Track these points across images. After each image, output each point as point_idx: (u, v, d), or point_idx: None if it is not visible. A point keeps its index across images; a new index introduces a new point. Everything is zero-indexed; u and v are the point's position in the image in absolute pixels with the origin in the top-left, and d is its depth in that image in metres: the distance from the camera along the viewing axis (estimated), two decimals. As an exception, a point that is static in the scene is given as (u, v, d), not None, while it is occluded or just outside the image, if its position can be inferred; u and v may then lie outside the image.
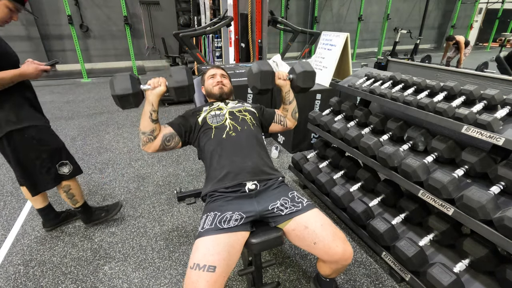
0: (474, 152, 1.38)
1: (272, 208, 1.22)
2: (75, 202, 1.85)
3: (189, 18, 7.69)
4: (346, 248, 1.14)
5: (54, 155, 1.64)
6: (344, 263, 1.16)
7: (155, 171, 2.75)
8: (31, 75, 1.42)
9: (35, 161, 1.57)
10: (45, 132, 1.59)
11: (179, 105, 4.72)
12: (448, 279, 1.28)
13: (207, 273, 1.00)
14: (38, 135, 1.53)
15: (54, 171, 1.65)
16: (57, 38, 7.05)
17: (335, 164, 2.34)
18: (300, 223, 1.19)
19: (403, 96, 1.69)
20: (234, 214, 1.17)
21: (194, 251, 1.08)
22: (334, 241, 1.13)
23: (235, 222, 1.15)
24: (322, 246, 1.14)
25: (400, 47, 8.32)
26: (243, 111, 1.50)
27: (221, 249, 1.06)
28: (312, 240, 1.15)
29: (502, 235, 1.14)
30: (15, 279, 1.63)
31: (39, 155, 1.57)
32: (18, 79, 1.40)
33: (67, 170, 1.72)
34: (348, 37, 2.69)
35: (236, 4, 4.91)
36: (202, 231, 1.13)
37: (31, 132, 1.50)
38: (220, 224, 1.14)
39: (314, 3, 8.96)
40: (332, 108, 2.37)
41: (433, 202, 1.39)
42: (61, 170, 1.69)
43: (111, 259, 1.77)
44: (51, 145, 1.62)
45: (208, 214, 1.19)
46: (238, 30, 4.98)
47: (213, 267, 1.02)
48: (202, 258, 1.03)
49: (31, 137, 1.50)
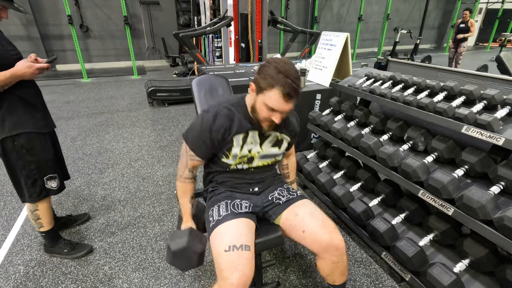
0: (474, 152, 1.38)
1: (272, 197, 1.30)
2: (39, 225, 1.65)
3: (189, 18, 7.69)
4: (333, 236, 1.14)
5: (42, 167, 1.51)
6: (335, 253, 1.15)
7: (155, 171, 2.75)
8: (24, 75, 1.30)
9: (22, 171, 1.46)
10: (36, 141, 1.46)
11: (179, 105, 4.72)
12: (448, 279, 1.28)
13: (245, 252, 1.05)
14: (28, 144, 1.43)
15: (41, 184, 1.53)
16: (57, 38, 7.05)
17: (335, 164, 2.34)
18: (292, 211, 1.24)
19: (403, 96, 1.69)
20: (243, 201, 1.23)
21: (222, 235, 1.10)
22: (321, 229, 1.15)
23: (245, 209, 1.21)
24: (309, 233, 1.16)
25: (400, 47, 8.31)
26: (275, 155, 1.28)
27: (247, 231, 1.13)
28: (301, 228, 1.18)
29: (502, 235, 1.14)
30: (15, 279, 1.63)
31: (27, 165, 1.46)
32: (10, 81, 1.29)
33: (55, 185, 1.59)
34: (348, 37, 2.69)
35: (236, 4, 4.91)
36: (221, 218, 1.15)
37: (21, 140, 1.41)
38: (235, 209, 1.19)
39: (314, 3, 8.96)
40: (332, 108, 2.37)
41: (433, 202, 1.39)
42: (49, 184, 1.56)
43: (111, 259, 1.77)
44: (40, 156, 1.49)
45: (219, 204, 1.22)
46: (238, 30, 4.98)
47: (248, 246, 1.07)
48: (236, 239, 1.07)
49: (20, 146, 1.41)
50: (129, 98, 5.09)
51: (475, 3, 10.70)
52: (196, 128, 1.16)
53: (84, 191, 2.43)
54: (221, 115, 1.13)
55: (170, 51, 7.90)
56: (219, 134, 1.13)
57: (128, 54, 6.69)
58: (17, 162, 1.44)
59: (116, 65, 7.81)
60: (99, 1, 7.13)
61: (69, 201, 2.29)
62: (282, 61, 1.03)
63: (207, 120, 1.13)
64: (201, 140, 1.15)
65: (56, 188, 1.60)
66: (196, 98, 1.89)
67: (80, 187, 2.46)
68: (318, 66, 2.98)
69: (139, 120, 4.08)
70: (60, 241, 1.76)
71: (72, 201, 2.30)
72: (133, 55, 6.60)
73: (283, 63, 1.01)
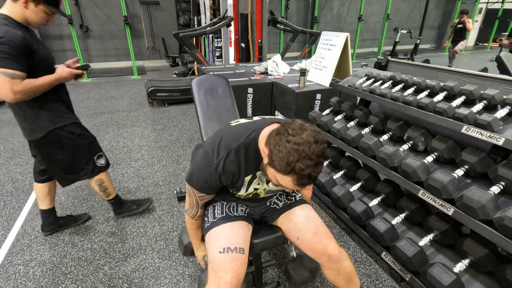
0: (474, 152, 1.38)
1: (269, 203, 1.26)
2: (108, 194, 1.95)
3: (189, 18, 7.69)
4: (325, 245, 1.11)
5: (92, 148, 1.77)
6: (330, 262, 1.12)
7: (155, 171, 2.75)
8: (65, 79, 1.55)
9: (76, 154, 1.70)
10: (81, 127, 1.72)
11: (179, 105, 4.72)
12: (448, 279, 1.28)
13: (239, 254, 1.05)
14: (77, 130, 1.68)
15: (92, 163, 1.78)
16: (57, 38, 7.04)
17: (335, 164, 2.33)
18: (287, 217, 1.22)
19: (403, 96, 1.69)
20: (239, 205, 1.21)
21: (217, 237, 1.10)
22: (313, 237, 1.13)
23: (241, 212, 1.19)
24: (303, 241, 1.15)
25: (400, 47, 8.32)
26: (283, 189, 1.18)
27: (242, 234, 1.12)
28: (296, 235, 1.17)
29: (502, 235, 1.14)
30: (15, 279, 1.63)
31: (80, 148, 1.71)
32: (55, 83, 1.50)
33: (104, 162, 1.84)
34: (348, 37, 2.69)
35: (236, 4, 4.91)
36: (216, 220, 1.15)
37: (71, 128, 1.63)
38: (230, 211, 1.17)
39: (314, 3, 8.96)
40: (332, 108, 2.37)
41: (433, 202, 1.39)
42: (99, 162, 1.81)
43: (111, 259, 1.77)
44: (89, 138, 1.75)
45: (214, 205, 1.20)
46: (238, 30, 4.98)
47: (242, 249, 1.07)
48: (231, 242, 1.07)
49: (71, 132, 1.64)
50: (129, 98, 5.09)
51: (475, 3, 10.70)
52: (201, 175, 1.05)
53: (84, 191, 2.43)
54: (230, 162, 1.00)
55: (170, 51, 7.90)
56: (228, 180, 1.04)
57: (128, 54, 6.69)
58: (69, 147, 1.66)
59: (116, 65, 7.80)
60: (99, 1, 7.12)
61: (69, 201, 2.29)
62: (306, 139, 0.80)
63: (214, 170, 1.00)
64: (208, 185, 1.06)
65: (105, 164, 1.85)
66: (196, 98, 1.90)
67: (80, 187, 2.46)
68: (318, 66, 2.98)
69: (139, 120, 4.08)
70: (126, 202, 2.10)
71: (72, 201, 2.30)
72: (133, 55, 6.60)
73: (307, 143, 0.80)
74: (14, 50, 1.29)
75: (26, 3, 1.35)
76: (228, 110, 1.89)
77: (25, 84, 1.35)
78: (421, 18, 7.95)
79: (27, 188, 2.47)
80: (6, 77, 1.29)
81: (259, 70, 3.36)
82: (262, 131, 0.99)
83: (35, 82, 1.39)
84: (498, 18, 10.94)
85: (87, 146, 1.74)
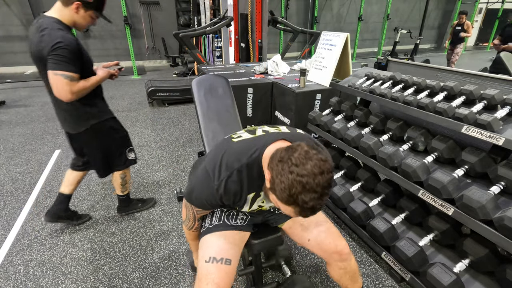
0: (474, 152, 1.38)
1: (274, 210, 1.24)
2: (125, 189, 2.03)
3: (189, 18, 7.69)
4: (337, 243, 1.15)
5: (125, 141, 1.91)
6: (340, 259, 1.16)
7: (155, 171, 2.75)
8: (104, 79, 1.69)
9: (112, 146, 1.83)
10: (117, 122, 1.85)
11: (179, 105, 4.72)
12: (448, 279, 1.28)
13: (225, 266, 1.04)
14: (114, 125, 1.81)
15: (125, 155, 1.91)
16: (57, 38, 7.04)
17: (335, 164, 2.33)
18: (296, 221, 1.22)
19: (403, 96, 1.69)
20: (239, 213, 1.19)
21: (207, 245, 1.10)
22: (327, 238, 1.16)
23: (241, 220, 1.18)
24: (315, 242, 1.16)
25: (400, 47, 8.31)
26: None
27: (233, 244, 1.11)
28: (307, 237, 1.18)
29: (502, 235, 1.14)
30: (15, 279, 1.63)
31: (116, 141, 1.84)
32: (99, 83, 1.67)
33: (134, 156, 1.96)
34: (348, 37, 2.69)
35: (236, 4, 4.91)
36: (211, 227, 1.14)
37: (109, 122, 1.77)
38: (228, 220, 1.16)
39: (314, 3, 8.96)
40: (332, 108, 2.37)
41: (433, 202, 1.39)
42: (130, 155, 1.93)
43: (111, 259, 1.77)
44: (123, 132, 1.89)
45: (214, 211, 1.20)
46: (238, 30, 4.98)
47: (229, 260, 1.06)
48: (218, 252, 1.06)
49: (110, 127, 1.78)
50: (129, 98, 5.09)
51: (475, 3, 10.70)
52: (201, 194, 1.01)
53: (84, 191, 2.43)
54: (232, 182, 0.94)
55: (170, 51, 7.90)
56: (229, 200, 0.99)
57: (128, 54, 6.69)
58: (108, 140, 1.79)
59: (116, 65, 7.80)
60: (99, 1, 7.12)
61: (69, 201, 2.29)
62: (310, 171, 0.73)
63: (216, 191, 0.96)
64: (207, 203, 1.02)
65: (134, 158, 1.98)
66: (196, 98, 1.89)
67: (80, 187, 2.46)
68: (318, 66, 2.98)
69: (139, 120, 4.08)
70: (133, 199, 2.18)
71: (72, 201, 2.29)
72: (133, 55, 6.60)
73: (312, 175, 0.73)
74: (71, 53, 1.41)
75: (77, 8, 1.47)
76: (228, 110, 1.89)
77: (80, 85, 1.49)
78: (421, 18, 7.95)
79: (27, 188, 2.47)
80: (66, 79, 1.41)
81: (259, 70, 3.36)
82: (266, 150, 0.92)
83: (86, 83, 1.54)
84: (498, 18, 10.94)
85: (121, 139, 1.87)
